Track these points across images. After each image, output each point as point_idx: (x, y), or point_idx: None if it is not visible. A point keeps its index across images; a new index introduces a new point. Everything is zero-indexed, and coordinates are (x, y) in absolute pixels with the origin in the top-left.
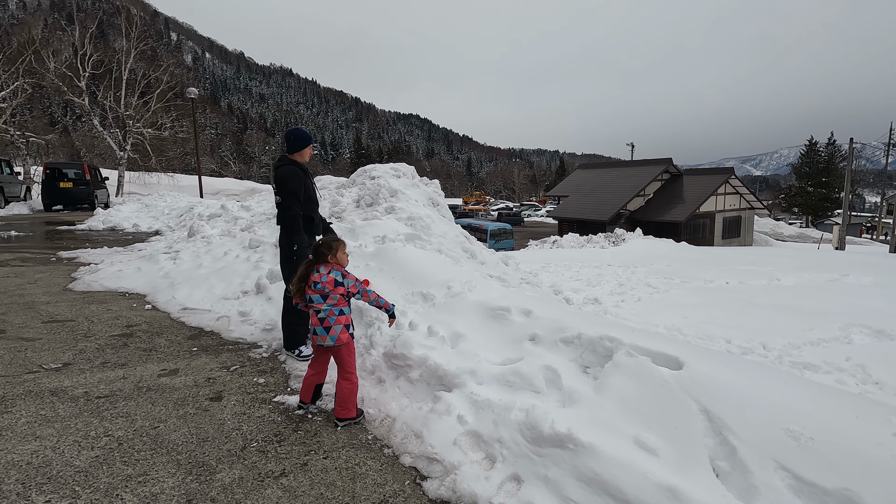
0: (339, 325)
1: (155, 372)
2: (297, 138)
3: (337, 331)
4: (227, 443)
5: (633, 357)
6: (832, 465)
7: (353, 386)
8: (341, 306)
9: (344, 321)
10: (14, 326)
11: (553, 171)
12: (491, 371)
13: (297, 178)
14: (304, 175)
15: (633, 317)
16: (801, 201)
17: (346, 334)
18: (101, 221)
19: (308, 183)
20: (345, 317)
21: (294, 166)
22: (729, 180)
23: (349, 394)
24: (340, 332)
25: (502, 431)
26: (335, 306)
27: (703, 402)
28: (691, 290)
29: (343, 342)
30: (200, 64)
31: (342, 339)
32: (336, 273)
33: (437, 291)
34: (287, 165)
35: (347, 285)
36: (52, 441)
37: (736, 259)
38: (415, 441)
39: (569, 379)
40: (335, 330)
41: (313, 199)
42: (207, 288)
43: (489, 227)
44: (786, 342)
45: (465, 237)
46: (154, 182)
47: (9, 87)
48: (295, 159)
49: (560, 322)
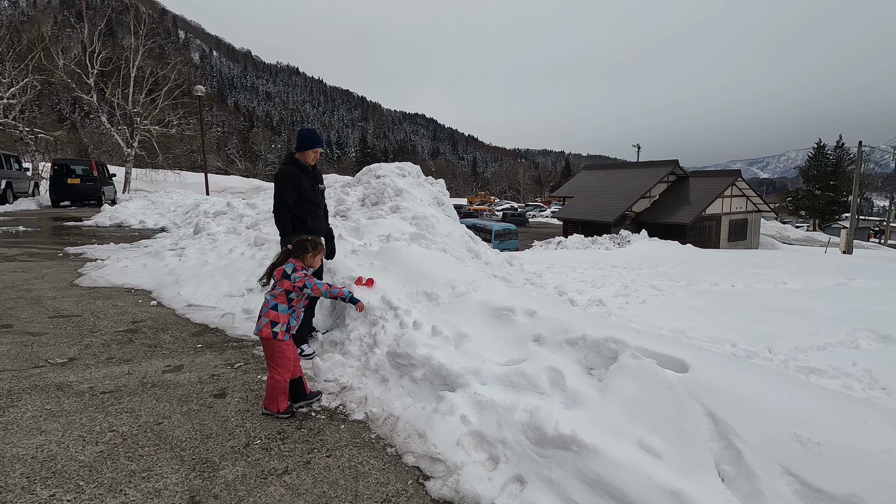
0: (266, 319)
1: (160, 368)
2: (303, 138)
3: (262, 323)
4: (231, 439)
5: (638, 359)
6: (839, 471)
7: (276, 382)
8: (279, 301)
9: (273, 316)
10: (21, 321)
11: (558, 171)
12: (495, 371)
13: (286, 179)
14: (300, 174)
15: (638, 319)
16: (808, 204)
17: (269, 330)
18: (107, 218)
19: (304, 183)
20: (276, 313)
21: (291, 166)
22: (735, 182)
23: (270, 388)
24: (264, 325)
25: (506, 432)
26: (274, 298)
27: (708, 405)
28: (696, 292)
29: (264, 335)
30: (208, 62)
31: (264, 332)
32: (289, 265)
33: (442, 291)
34: (285, 164)
35: (294, 280)
36: (56, 435)
37: (742, 262)
38: (418, 441)
39: (573, 380)
40: (261, 321)
41: (310, 199)
42: (212, 285)
43: (494, 227)
44: (792, 346)
45: (469, 237)
46: (161, 179)
47: (18, 83)
48: (297, 158)
49: (565, 323)
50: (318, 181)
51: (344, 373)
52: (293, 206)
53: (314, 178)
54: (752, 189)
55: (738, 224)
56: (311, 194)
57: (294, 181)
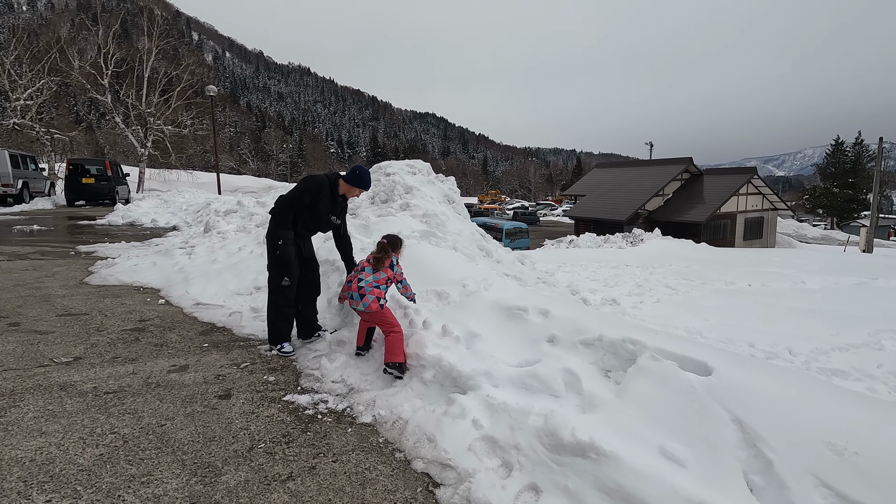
0: (372, 296)
1: (165, 368)
2: (359, 177)
3: (369, 300)
4: (234, 443)
5: (657, 361)
6: (879, 484)
7: (398, 335)
8: (380, 283)
9: (377, 293)
10: (29, 319)
11: (569, 170)
12: (507, 373)
13: (316, 189)
14: (329, 195)
15: (652, 318)
16: (826, 202)
17: (377, 304)
18: (120, 216)
19: (324, 205)
20: (380, 291)
21: (329, 181)
22: (751, 180)
23: (394, 342)
24: (372, 301)
25: (519, 437)
26: (376, 281)
27: (734, 410)
28: (712, 291)
29: (373, 310)
30: (221, 63)
31: (373, 307)
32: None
33: (452, 289)
34: (325, 177)
35: (396, 273)
36: (57, 437)
37: (758, 261)
38: (428, 445)
39: (589, 383)
40: (367, 299)
41: (317, 219)
42: (221, 283)
43: (505, 225)
44: (812, 347)
45: (480, 235)
46: (174, 179)
47: (34, 84)
48: (339, 182)
49: (579, 323)
50: (338, 213)
51: (352, 373)
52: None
53: (338, 208)
54: (769, 187)
55: (754, 222)
56: (322, 218)
57: (320, 195)
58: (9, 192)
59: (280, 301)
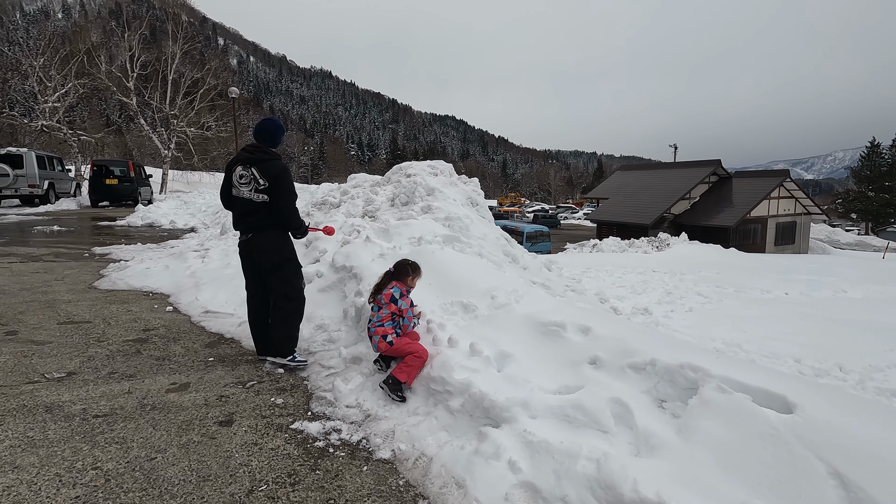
0: (377, 336)
1: (164, 386)
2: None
3: (376, 341)
4: (232, 483)
5: (726, 393)
6: None
7: (417, 358)
8: (384, 321)
9: (382, 332)
10: (28, 327)
11: (590, 173)
12: (546, 402)
13: None
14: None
15: (686, 329)
16: (860, 207)
17: (384, 343)
18: (139, 218)
19: None
20: (384, 328)
21: None
22: (783, 183)
23: (410, 361)
24: (379, 342)
25: (567, 488)
26: (381, 320)
27: (830, 460)
28: (747, 300)
29: (382, 350)
30: (245, 67)
31: (381, 347)
32: (396, 290)
33: (480, 301)
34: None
35: (400, 307)
36: (30, 473)
37: (793, 267)
38: (456, 492)
39: (643, 417)
40: (374, 340)
41: None
42: (232, 289)
43: (525, 228)
44: (866, 364)
45: (506, 240)
46: (196, 180)
47: (63, 87)
48: None
49: (626, 343)
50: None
51: (368, 397)
52: None
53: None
54: (802, 190)
55: (786, 227)
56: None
57: None
58: (35, 193)
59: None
